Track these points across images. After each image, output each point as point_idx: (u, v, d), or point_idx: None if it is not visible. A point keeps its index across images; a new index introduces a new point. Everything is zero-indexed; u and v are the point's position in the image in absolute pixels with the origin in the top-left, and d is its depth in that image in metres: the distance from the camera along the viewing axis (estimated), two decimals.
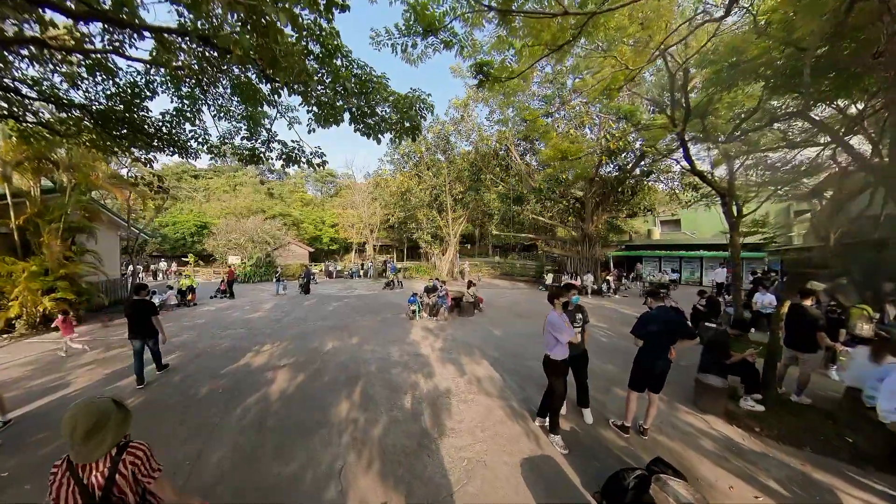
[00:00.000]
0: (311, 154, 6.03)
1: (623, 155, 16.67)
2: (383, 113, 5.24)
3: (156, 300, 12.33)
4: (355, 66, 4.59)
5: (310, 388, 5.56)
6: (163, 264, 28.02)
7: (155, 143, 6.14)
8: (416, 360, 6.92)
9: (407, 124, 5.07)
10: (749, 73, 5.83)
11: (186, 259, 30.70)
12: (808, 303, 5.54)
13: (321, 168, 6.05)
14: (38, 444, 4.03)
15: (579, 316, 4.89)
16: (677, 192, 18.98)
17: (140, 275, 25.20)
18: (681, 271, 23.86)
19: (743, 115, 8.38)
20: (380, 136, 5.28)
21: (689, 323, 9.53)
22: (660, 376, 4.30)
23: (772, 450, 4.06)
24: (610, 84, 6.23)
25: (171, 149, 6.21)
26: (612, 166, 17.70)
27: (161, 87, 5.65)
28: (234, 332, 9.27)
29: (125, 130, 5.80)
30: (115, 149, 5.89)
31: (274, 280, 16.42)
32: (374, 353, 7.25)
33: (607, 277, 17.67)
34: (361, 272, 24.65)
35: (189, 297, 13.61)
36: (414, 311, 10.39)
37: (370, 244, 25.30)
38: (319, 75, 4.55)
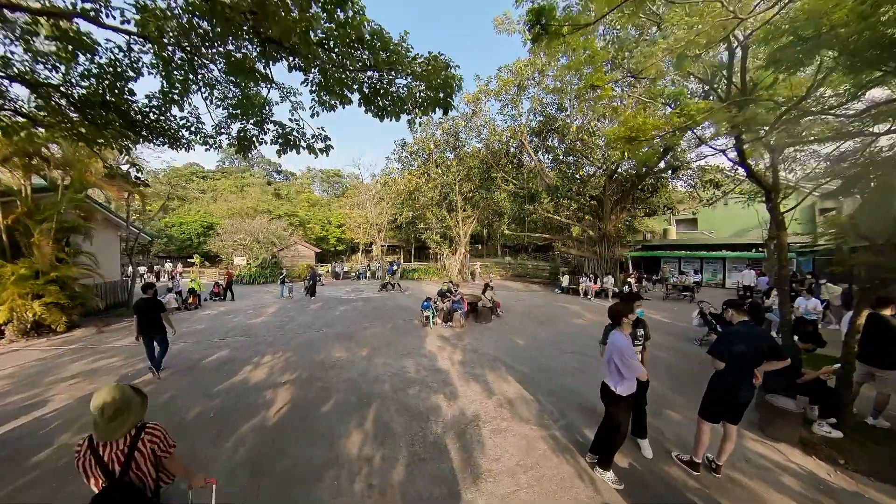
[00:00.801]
0: (313, 138, 5.20)
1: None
2: (403, 87, 4.38)
3: None
4: (366, 25, 3.77)
5: (315, 414, 4.79)
6: (168, 265, 27.63)
7: (143, 133, 5.41)
8: (436, 377, 6.12)
9: (441, 94, 4.18)
10: (830, 45, 4.90)
11: (192, 260, 30.31)
12: (887, 312, 4.73)
13: (325, 154, 5.21)
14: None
15: (640, 332, 4.05)
16: (697, 189, 18.00)
17: (145, 276, 24.84)
18: (702, 272, 22.77)
19: (794, 100, 7.47)
20: (401, 114, 4.45)
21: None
22: (742, 406, 3.50)
23: (867, 488, 3.38)
24: (692, 44, 5.16)
25: (161, 138, 5.47)
26: (631, 162, 16.71)
27: (147, 67, 4.94)
28: (234, 339, 8.56)
29: (109, 117, 5.08)
30: (99, 139, 5.16)
31: (278, 282, 15.77)
32: (386, 368, 6.47)
33: (629, 280, 16.70)
34: (369, 273, 23.93)
35: (190, 300, 12.98)
36: (427, 318, 9.60)
37: (377, 244, 24.56)
38: (322, 35, 3.73)
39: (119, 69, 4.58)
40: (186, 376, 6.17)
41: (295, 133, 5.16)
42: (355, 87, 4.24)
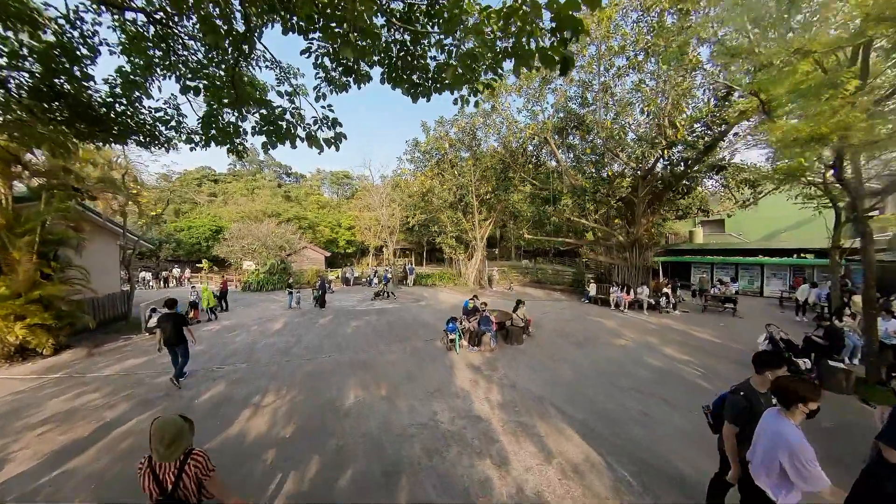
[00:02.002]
0: (315, 123, 3.82)
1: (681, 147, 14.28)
2: (454, 50, 3.06)
3: (154, 319, 10.80)
4: None
5: (328, 494, 3.64)
6: (176, 270, 26.99)
7: (110, 130, 4.31)
8: (475, 429, 4.92)
9: (557, 57, 2.48)
10: None
11: (200, 265, 29.66)
12: None
13: (334, 147, 3.80)
14: None
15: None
16: (731, 189, 16.51)
17: (150, 282, 24.26)
18: (737, 280, 21.10)
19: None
20: (460, 91, 3.15)
21: (806, 361, 7.25)
22: None
23: None
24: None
25: (133, 136, 4.37)
26: (667, 160, 15.26)
27: (109, 45, 3.84)
28: (233, 368, 7.49)
29: (60, 111, 3.99)
30: (51, 140, 4.07)
31: (286, 291, 14.73)
32: (413, 416, 5.28)
33: (664, 290, 15.23)
34: (376, 279, 22.69)
35: (191, 314, 12.02)
36: (453, 341, 8.39)
37: (389, 248, 23.44)
38: None
39: (68, 46, 3.46)
40: None
41: (288, 117, 3.82)
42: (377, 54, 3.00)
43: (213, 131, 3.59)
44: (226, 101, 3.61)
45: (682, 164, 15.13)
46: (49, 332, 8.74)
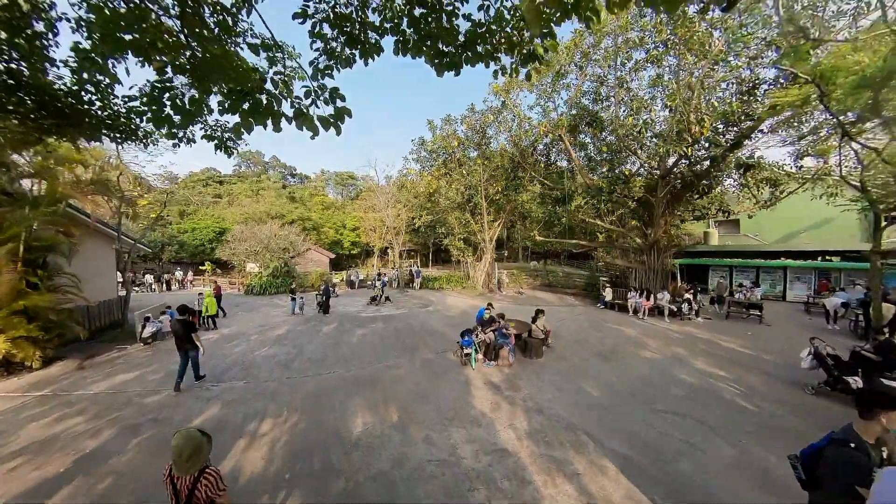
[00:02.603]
0: (309, 97, 2.88)
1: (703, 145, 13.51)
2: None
3: (149, 329, 10.27)
4: None
5: None
6: (178, 273, 26.56)
7: (80, 124, 3.70)
8: (503, 467, 4.25)
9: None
10: None
11: (203, 267, 29.25)
12: None
13: (335, 129, 2.85)
14: None
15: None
16: (751, 188, 15.73)
17: (151, 285, 23.83)
18: (758, 283, 20.20)
19: None
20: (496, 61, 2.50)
21: (856, 379, 6.49)
22: None
23: None
24: None
25: (105, 131, 3.75)
26: (688, 158, 14.47)
27: (70, 21, 3.23)
28: (229, 385, 6.88)
29: (25, 100, 3.37)
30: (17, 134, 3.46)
31: (289, 297, 14.15)
32: (431, 450, 4.61)
33: (686, 295, 14.44)
34: (378, 283, 21.89)
35: None
36: (468, 356, 7.71)
37: (395, 249, 22.81)
38: None
39: (14, 19, 2.84)
40: (155, 460, 4.44)
41: (270, 87, 2.89)
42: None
43: (168, 109, 2.88)
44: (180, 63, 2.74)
45: (704, 162, 14.36)
46: (36, 345, 8.21)
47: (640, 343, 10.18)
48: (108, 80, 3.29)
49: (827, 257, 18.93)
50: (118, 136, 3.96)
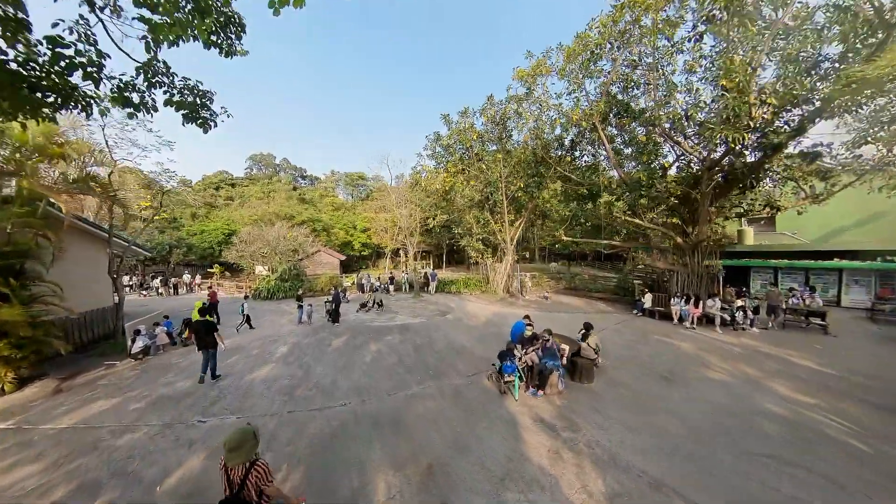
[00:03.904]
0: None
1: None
2: None
3: (140, 343, 9.16)
4: None
5: None
6: (186, 276, 25.80)
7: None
8: None
9: None
10: None
11: (212, 270, 28.50)
12: None
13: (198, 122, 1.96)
14: None
15: None
16: (799, 182, 14.11)
17: (159, 289, 23.04)
18: (813, 287, 18.21)
19: None
20: None
21: None
22: None
23: None
24: None
25: (33, 96, 2.49)
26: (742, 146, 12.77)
27: None
28: (218, 422, 5.62)
29: None
30: None
31: (296, 304, 12.97)
32: None
33: (738, 302, 12.75)
34: (392, 287, 20.57)
35: (185, 334, 10.33)
36: (510, 384, 6.29)
37: (410, 251, 21.48)
38: None
39: None
40: None
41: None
42: None
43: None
44: None
45: (759, 151, 12.64)
46: (8, 364, 7.16)
47: (701, 360, 8.65)
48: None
49: (889, 258, 16.91)
50: (54, 101, 2.73)
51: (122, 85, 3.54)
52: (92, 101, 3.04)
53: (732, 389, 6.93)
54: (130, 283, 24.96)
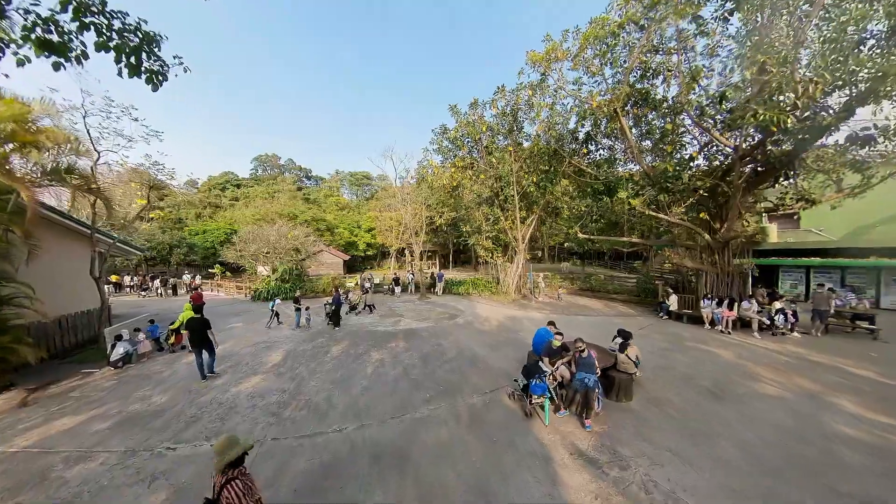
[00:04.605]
0: None
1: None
2: None
3: (120, 349, 8.32)
4: None
5: None
6: (186, 277, 25.16)
7: None
8: None
9: None
10: None
11: (213, 271, 27.84)
12: None
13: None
14: None
15: None
16: (831, 175, 12.98)
17: (159, 290, 22.40)
18: (852, 288, 16.87)
19: None
20: None
21: None
22: None
23: None
24: None
25: None
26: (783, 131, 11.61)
27: None
28: (190, 451, 4.69)
29: None
30: None
31: (293, 307, 12.12)
32: None
33: (777, 304, 11.59)
34: (397, 289, 19.55)
35: (172, 339, 9.47)
36: (540, 406, 5.28)
37: (416, 250, 20.49)
38: None
39: None
40: None
41: None
42: None
43: None
44: None
45: (802, 135, 11.44)
46: None
47: (748, 371, 7.60)
48: None
49: None
50: None
51: (38, 22, 2.64)
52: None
53: (793, 407, 5.92)
54: (132, 283, 24.41)
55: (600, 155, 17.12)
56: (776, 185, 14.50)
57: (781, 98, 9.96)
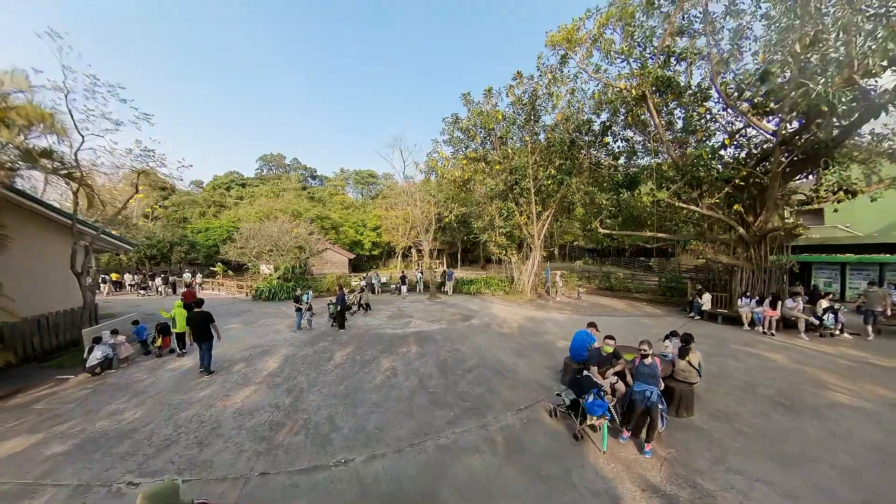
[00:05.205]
0: None
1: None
2: None
3: (98, 353, 7.39)
4: None
5: None
6: (186, 275, 24.37)
7: None
8: None
9: None
10: None
11: (215, 269, 27.05)
12: None
13: None
14: None
15: None
16: (869, 165, 11.94)
17: (159, 287, 21.64)
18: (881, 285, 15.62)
19: None
20: None
21: None
22: None
23: None
24: None
25: None
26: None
27: None
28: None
29: None
30: None
31: (293, 306, 11.16)
32: None
33: (824, 304, 10.44)
34: (404, 288, 18.39)
35: (159, 342, 8.53)
36: (594, 428, 4.24)
37: (425, 246, 19.38)
38: None
39: None
40: None
41: None
42: None
43: None
44: None
45: (857, 114, 10.26)
46: None
47: (812, 379, 6.57)
48: None
49: None
50: None
51: None
52: None
53: (880, 420, 4.98)
54: (133, 282, 23.76)
55: (618, 147, 16.13)
56: (812, 177, 13.37)
57: (836, 74, 8.80)
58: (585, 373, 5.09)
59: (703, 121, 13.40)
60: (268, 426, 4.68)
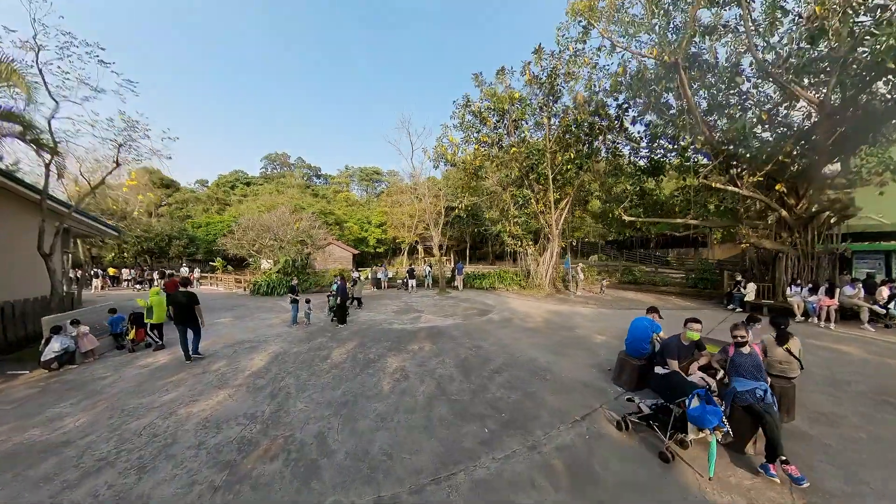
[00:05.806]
0: None
1: None
2: None
3: (55, 345, 6.28)
4: None
5: None
6: (184, 270, 23.45)
7: None
8: None
9: None
10: None
11: (214, 264, 26.11)
12: None
13: None
14: None
15: None
16: None
17: (155, 282, 20.75)
18: None
19: None
20: None
21: None
22: None
23: None
24: None
25: None
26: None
27: None
28: None
29: None
30: None
31: (289, 299, 10.00)
32: None
33: (885, 291, 9.12)
34: (412, 282, 17.12)
35: (131, 334, 7.41)
36: (681, 441, 2.99)
37: (436, 239, 18.05)
38: None
39: None
40: None
41: None
42: None
43: None
44: None
45: None
46: None
47: None
48: None
49: None
50: None
51: None
52: None
53: None
54: (130, 277, 22.96)
55: (638, 133, 14.93)
56: (836, 165, 12.00)
57: None
58: (658, 369, 3.84)
59: (735, 96, 12.17)
60: (236, 445, 3.46)
